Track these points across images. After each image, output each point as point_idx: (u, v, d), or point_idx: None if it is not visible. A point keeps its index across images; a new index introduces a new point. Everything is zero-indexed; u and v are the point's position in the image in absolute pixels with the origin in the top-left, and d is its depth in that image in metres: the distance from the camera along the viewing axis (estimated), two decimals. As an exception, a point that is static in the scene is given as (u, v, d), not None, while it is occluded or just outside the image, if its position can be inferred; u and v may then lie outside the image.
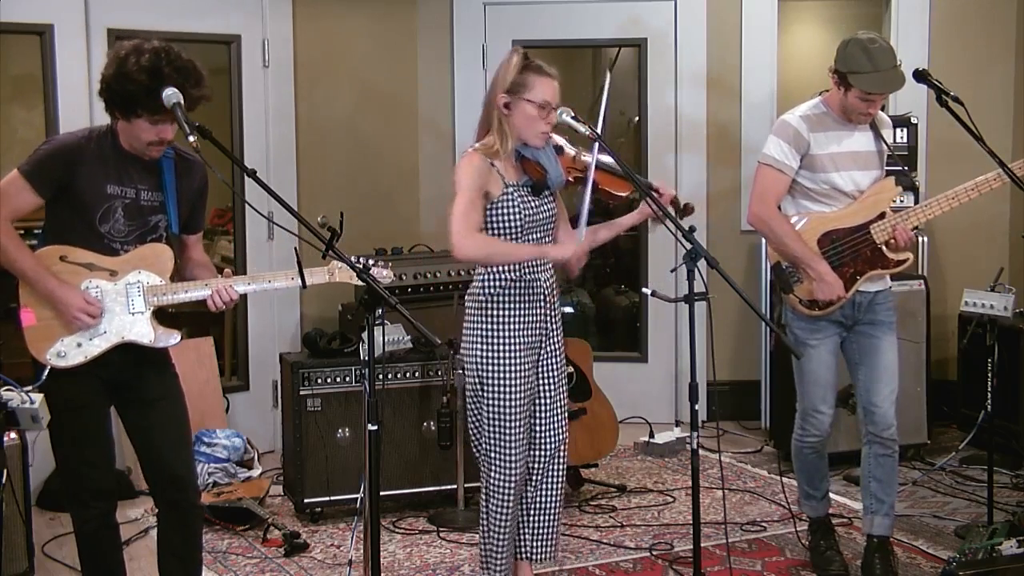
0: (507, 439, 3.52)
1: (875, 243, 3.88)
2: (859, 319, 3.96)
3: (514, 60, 3.45)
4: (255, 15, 5.66)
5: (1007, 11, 6.11)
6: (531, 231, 3.51)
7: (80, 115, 5.07)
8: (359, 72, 5.99)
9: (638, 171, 6.14)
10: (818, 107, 3.93)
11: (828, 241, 3.90)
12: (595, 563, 4.26)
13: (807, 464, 4.10)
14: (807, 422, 4.02)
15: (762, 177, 3.92)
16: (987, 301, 4.33)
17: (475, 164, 3.43)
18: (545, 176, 3.48)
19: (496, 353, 3.49)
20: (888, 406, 3.94)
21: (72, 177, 3.14)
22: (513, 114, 3.44)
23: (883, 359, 3.95)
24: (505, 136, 3.44)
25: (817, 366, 3.94)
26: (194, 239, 3.45)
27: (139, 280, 3.23)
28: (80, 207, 3.16)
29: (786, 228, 3.89)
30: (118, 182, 3.19)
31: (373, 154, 6.04)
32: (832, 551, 4.10)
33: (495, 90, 3.46)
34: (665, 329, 6.23)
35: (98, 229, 3.18)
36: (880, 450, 3.96)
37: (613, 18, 6.15)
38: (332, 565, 4.26)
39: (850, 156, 3.89)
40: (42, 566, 4.17)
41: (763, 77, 6.14)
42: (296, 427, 4.67)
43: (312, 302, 5.81)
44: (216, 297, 3.25)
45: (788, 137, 3.87)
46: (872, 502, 3.99)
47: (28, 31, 5.07)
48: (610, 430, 4.99)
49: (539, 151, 3.50)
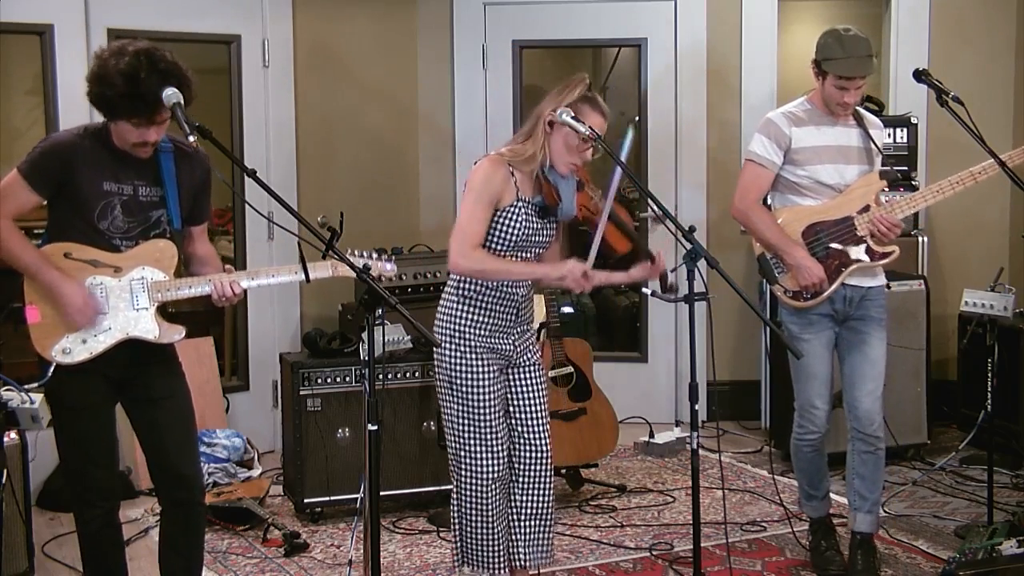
0: (477, 441, 3.55)
1: (859, 235, 3.91)
2: (850, 314, 3.97)
3: (578, 87, 3.45)
4: (255, 15, 5.66)
5: (1007, 11, 6.11)
6: (524, 248, 3.53)
7: (80, 115, 5.06)
8: (359, 72, 5.99)
9: (638, 172, 6.15)
10: (802, 104, 4.03)
11: (812, 233, 3.94)
12: (595, 563, 4.26)
13: (806, 463, 4.11)
14: (804, 418, 4.04)
15: (745, 172, 4.04)
16: (987, 301, 4.33)
17: (495, 172, 3.45)
18: (558, 205, 3.50)
19: (463, 355, 3.52)
20: (871, 402, 3.95)
21: (69, 175, 3.15)
22: (554, 135, 3.45)
23: (869, 354, 3.96)
24: (541, 152, 3.46)
25: (811, 360, 3.95)
26: (199, 231, 3.45)
27: (143, 276, 3.23)
28: (79, 205, 3.17)
29: (764, 219, 3.97)
30: (114, 179, 3.19)
31: (373, 154, 6.05)
32: (832, 551, 4.10)
33: (547, 105, 3.45)
34: (665, 329, 6.23)
35: (97, 226, 3.19)
36: (863, 447, 3.97)
37: (613, 18, 6.15)
38: (332, 565, 4.26)
39: (835, 149, 3.94)
40: (42, 566, 4.17)
41: (763, 77, 6.15)
42: (296, 427, 4.67)
43: (312, 302, 5.81)
44: (219, 292, 3.25)
45: (770, 133, 3.97)
46: (856, 499, 4.02)
47: (28, 31, 5.07)
48: (610, 430, 4.99)
49: (561, 179, 3.51)
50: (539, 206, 3.52)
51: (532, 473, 3.68)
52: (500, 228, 3.47)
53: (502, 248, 3.49)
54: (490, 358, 3.55)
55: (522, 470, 3.67)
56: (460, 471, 3.60)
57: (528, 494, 3.69)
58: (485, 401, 3.54)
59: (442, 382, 3.58)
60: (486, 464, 3.56)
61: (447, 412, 3.60)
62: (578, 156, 3.48)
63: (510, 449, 3.65)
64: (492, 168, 3.46)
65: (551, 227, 3.60)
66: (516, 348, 3.60)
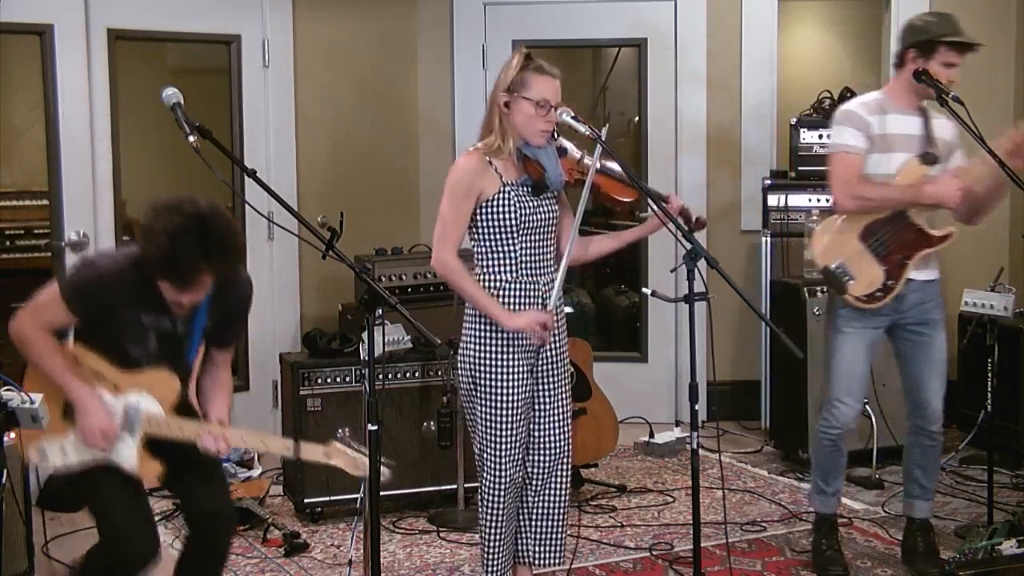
0: (500, 440, 3.52)
1: (915, 224, 3.89)
2: (906, 315, 3.96)
3: (515, 60, 3.47)
4: (255, 15, 5.66)
5: (1007, 11, 6.11)
6: (530, 231, 3.50)
7: (80, 115, 5.08)
8: (359, 72, 5.99)
9: (638, 172, 6.15)
10: (876, 96, 3.99)
11: (870, 233, 3.90)
12: (595, 563, 4.26)
13: (823, 456, 4.11)
14: (828, 412, 4.02)
15: (837, 164, 3.92)
16: (987, 301, 4.34)
17: (468, 166, 3.45)
18: (544, 175, 3.48)
19: (489, 353, 3.49)
20: (938, 401, 4.05)
21: (108, 307, 3.06)
22: (513, 113, 3.45)
23: (934, 356, 4.02)
24: (506, 134, 3.45)
25: (847, 354, 3.96)
26: (221, 357, 3.33)
27: (139, 403, 3.12)
28: (114, 330, 3.09)
29: (881, 189, 3.88)
30: (154, 312, 3.10)
31: (373, 154, 6.05)
32: (833, 551, 4.11)
33: (496, 89, 3.47)
34: (665, 329, 6.23)
35: (125, 348, 3.11)
36: (927, 441, 4.08)
37: (613, 18, 6.15)
38: (332, 565, 4.26)
39: (903, 138, 3.91)
40: (42, 566, 4.16)
41: (763, 77, 6.15)
42: (296, 427, 4.67)
43: (312, 302, 5.82)
44: (207, 443, 3.11)
45: (852, 122, 3.91)
46: (915, 487, 4.13)
47: (28, 31, 5.07)
48: (610, 430, 4.99)
49: (540, 150, 3.49)
50: (528, 184, 3.50)
51: (550, 471, 3.65)
52: (495, 215, 3.46)
53: (508, 236, 3.47)
54: (521, 356, 3.50)
55: (540, 468, 3.64)
56: (484, 474, 3.57)
57: (545, 493, 3.66)
58: (512, 402, 3.50)
59: (466, 381, 3.54)
60: (506, 466, 3.53)
61: (472, 415, 3.57)
62: (543, 121, 3.45)
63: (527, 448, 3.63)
64: (465, 163, 3.47)
65: (550, 203, 3.56)
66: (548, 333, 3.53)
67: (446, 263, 3.44)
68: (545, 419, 3.63)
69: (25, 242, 6.61)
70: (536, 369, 3.59)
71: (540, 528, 3.69)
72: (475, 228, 3.51)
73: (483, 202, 3.46)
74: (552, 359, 3.61)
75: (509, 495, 3.57)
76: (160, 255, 2.89)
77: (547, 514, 3.68)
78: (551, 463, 3.64)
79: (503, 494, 3.56)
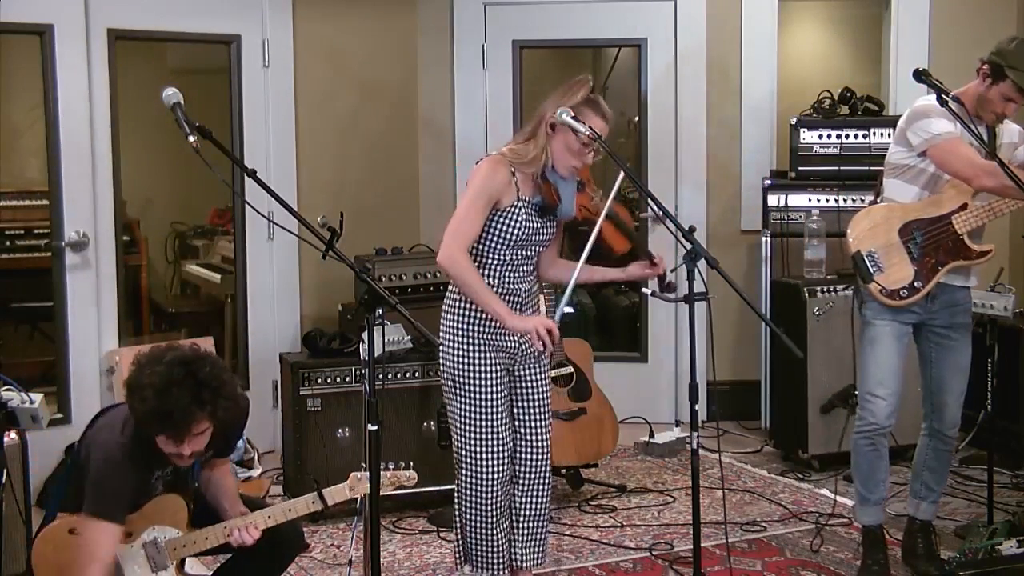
0: (480, 440, 3.56)
1: (957, 233, 3.85)
2: (935, 316, 3.92)
3: (582, 88, 3.43)
4: (255, 15, 5.66)
5: (1007, 12, 6.11)
6: (523, 246, 3.54)
7: (80, 115, 5.07)
8: (359, 72, 5.99)
9: (637, 172, 6.15)
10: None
11: (908, 232, 3.87)
12: (595, 563, 4.26)
13: (861, 458, 3.99)
14: (862, 408, 3.97)
15: (950, 150, 3.75)
16: (987, 301, 4.34)
17: (496, 173, 3.46)
18: (557, 205, 3.52)
19: (468, 354, 3.53)
20: (957, 406, 4.02)
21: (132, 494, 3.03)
22: (555, 137, 3.46)
23: (959, 362, 3.97)
24: (543, 154, 3.46)
25: (878, 346, 3.90)
26: (220, 463, 3.30)
27: (155, 537, 3.11)
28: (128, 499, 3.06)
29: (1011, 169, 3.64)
30: (160, 467, 3.09)
31: (373, 154, 6.04)
32: (880, 567, 3.98)
33: (550, 106, 3.44)
34: (665, 329, 6.23)
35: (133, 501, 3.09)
36: (940, 444, 4.06)
37: (613, 18, 6.15)
38: (332, 565, 4.26)
39: None
40: (42, 566, 4.16)
41: (763, 77, 6.15)
42: (296, 427, 4.67)
43: (312, 302, 5.81)
44: (238, 541, 3.12)
45: (939, 113, 3.75)
46: (922, 488, 4.11)
47: (28, 31, 5.06)
48: (610, 430, 4.99)
49: (562, 180, 3.52)
50: (539, 206, 3.52)
51: (532, 473, 3.69)
52: (500, 227, 3.49)
53: (502, 246, 3.51)
54: (497, 356, 3.55)
55: (522, 470, 3.69)
56: (463, 470, 3.61)
57: (527, 495, 3.70)
58: (490, 400, 3.55)
59: (446, 380, 3.58)
60: (488, 464, 3.57)
61: (452, 411, 3.60)
62: (579, 159, 3.48)
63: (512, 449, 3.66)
64: (493, 169, 3.47)
65: (551, 226, 3.61)
66: (521, 345, 3.59)
67: (456, 259, 3.42)
68: (527, 425, 3.67)
69: (25, 242, 6.60)
70: (517, 375, 3.64)
71: (524, 530, 3.72)
72: None
73: (495, 210, 3.48)
74: (533, 364, 3.66)
75: (495, 492, 3.59)
76: (150, 410, 2.83)
77: (530, 517, 3.71)
78: (533, 467, 3.68)
79: (486, 494, 3.58)
